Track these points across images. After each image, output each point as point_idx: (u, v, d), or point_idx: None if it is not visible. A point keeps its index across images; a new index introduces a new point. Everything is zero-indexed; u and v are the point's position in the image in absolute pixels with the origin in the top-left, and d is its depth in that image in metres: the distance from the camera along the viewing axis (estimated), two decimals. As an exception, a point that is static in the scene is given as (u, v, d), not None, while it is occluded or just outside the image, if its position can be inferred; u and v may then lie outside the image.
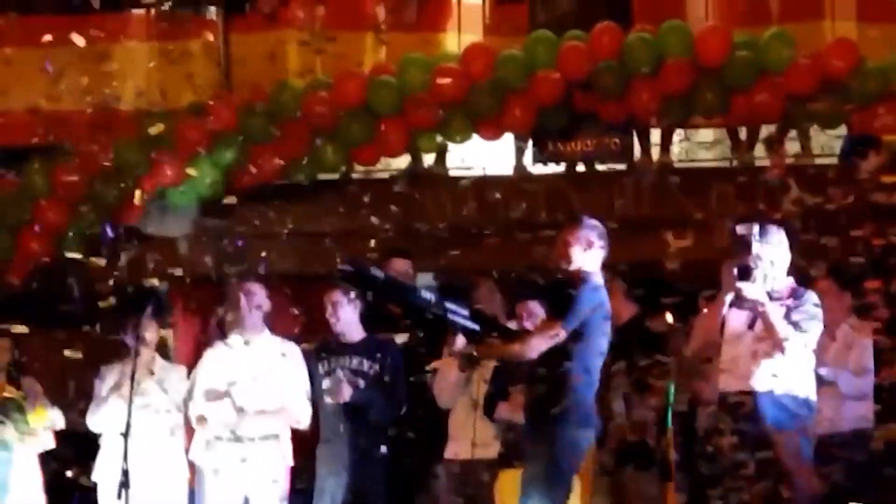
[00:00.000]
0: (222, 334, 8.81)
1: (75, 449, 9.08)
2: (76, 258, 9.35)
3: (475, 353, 7.71)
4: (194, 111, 9.68)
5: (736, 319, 7.46)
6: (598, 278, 7.39)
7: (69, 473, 8.88)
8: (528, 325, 8.14)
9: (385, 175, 10.03)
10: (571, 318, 7.24)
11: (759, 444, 7.28)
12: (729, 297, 7.42)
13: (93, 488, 8.66)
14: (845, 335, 8.12)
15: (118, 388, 8.58)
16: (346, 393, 8.26)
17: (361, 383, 8.37)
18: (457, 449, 8.47)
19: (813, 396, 7.42)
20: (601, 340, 7.32)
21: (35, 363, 9.14)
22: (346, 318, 8.48)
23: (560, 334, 7.20)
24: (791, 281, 7.48)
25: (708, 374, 7.73)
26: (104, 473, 8.58)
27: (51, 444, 9.03)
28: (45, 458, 9.09)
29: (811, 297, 7.42)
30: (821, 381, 7.73)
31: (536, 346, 7.23)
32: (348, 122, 9.54)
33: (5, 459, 8.91)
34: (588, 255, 7.37)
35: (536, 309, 8.24)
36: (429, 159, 10.10)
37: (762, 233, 7.41)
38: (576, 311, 7.24)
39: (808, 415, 7.42)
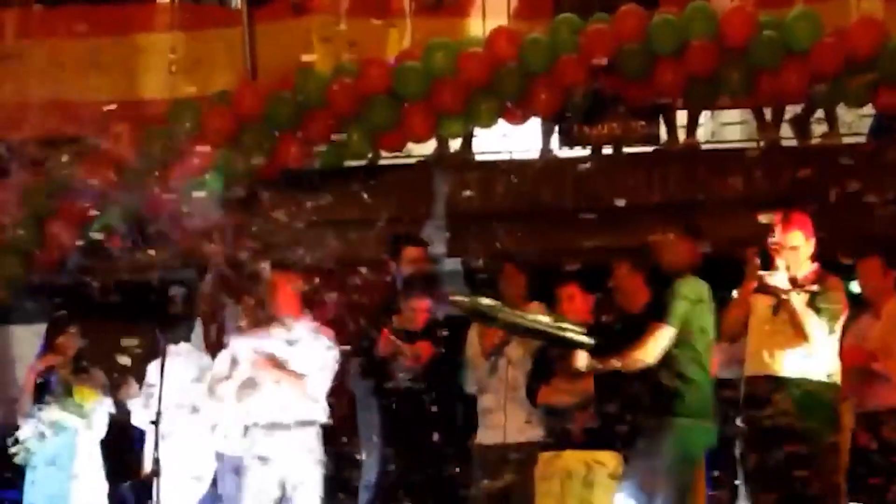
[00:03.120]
0: (236, 324, 8.87)
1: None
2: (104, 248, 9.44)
3: (599, 366, 7.76)
4: (220, 100, 9.70)
5: (762, 305, 7.47)
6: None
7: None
8: (567, 307, 8.21)
9: (411, 161, 10.03)
10: (674, 314, 7.36)
11: (783, 429, 7.29)
12: (753, 285, 7.46)
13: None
14: (890, 314, 8.03)
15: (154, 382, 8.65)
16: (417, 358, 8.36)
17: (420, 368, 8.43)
18: (487, 434, 8.50)
19: (837, 380, 7.41)
20: (704, 328, 7.42)
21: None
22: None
23: (671, 333, 7.33)
24: (815, 266, 7.48)
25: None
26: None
27: (104, 429, 9.09)
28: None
29: (835, 282, 7.42)
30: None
31: (654, 352, 7.39)
32: (374, 108, 9.54)
33: (63, 439, 8.99)
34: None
35: (577, 292, 8.29)
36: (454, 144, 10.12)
37: (785, 219, 7.43)
38: (676, 307, 7.37)
39: (832, 399, 7.42)
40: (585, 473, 7.90)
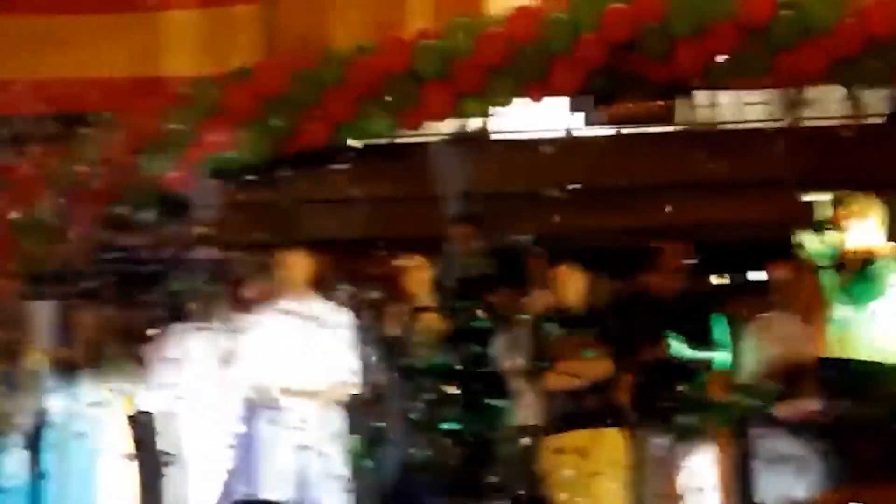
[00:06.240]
0: (247, 304, 8.90)
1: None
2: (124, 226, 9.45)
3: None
4: (241, 77, 9.70)
5: None
6: None
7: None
8: (559, 287, 8.25)
9: (432, 139, 10.04)
10: None
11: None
12: None
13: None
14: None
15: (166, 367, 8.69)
16: None
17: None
18: (521, 414, 8.53)
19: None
20: None
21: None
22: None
23: None
24: (872, 246, 7.47)
25: None
26: None
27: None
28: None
29: (878, 265, 7.40)
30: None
31: None
32: (394, 86, 9.54)
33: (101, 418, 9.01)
34: None
35: (569, 273, 8.30)
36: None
37: (836, 198, 7.43)
38: None
39: (863, 383, 7.41)
40: (591, 452, 7.98)
